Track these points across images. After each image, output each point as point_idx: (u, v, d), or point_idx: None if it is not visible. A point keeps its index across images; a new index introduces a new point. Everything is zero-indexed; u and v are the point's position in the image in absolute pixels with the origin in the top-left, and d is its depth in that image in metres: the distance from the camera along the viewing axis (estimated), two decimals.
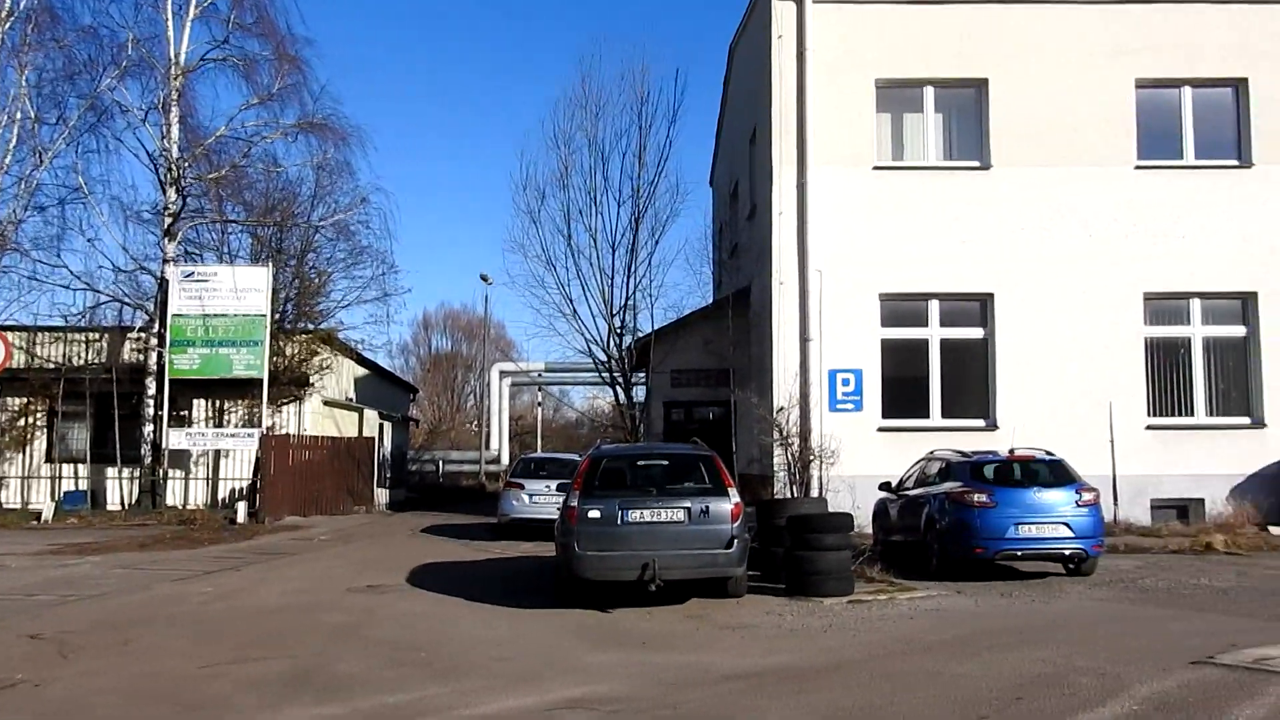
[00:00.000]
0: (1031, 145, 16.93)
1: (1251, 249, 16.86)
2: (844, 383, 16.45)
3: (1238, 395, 16.96)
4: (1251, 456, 16.47)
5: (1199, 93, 17.36)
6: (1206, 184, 17.07)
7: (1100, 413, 16.07)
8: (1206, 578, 11.60)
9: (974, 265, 16.72)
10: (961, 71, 17.16)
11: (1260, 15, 17.33)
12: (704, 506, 9.95)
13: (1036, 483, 11.97)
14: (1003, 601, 10.30)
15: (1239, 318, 17.05)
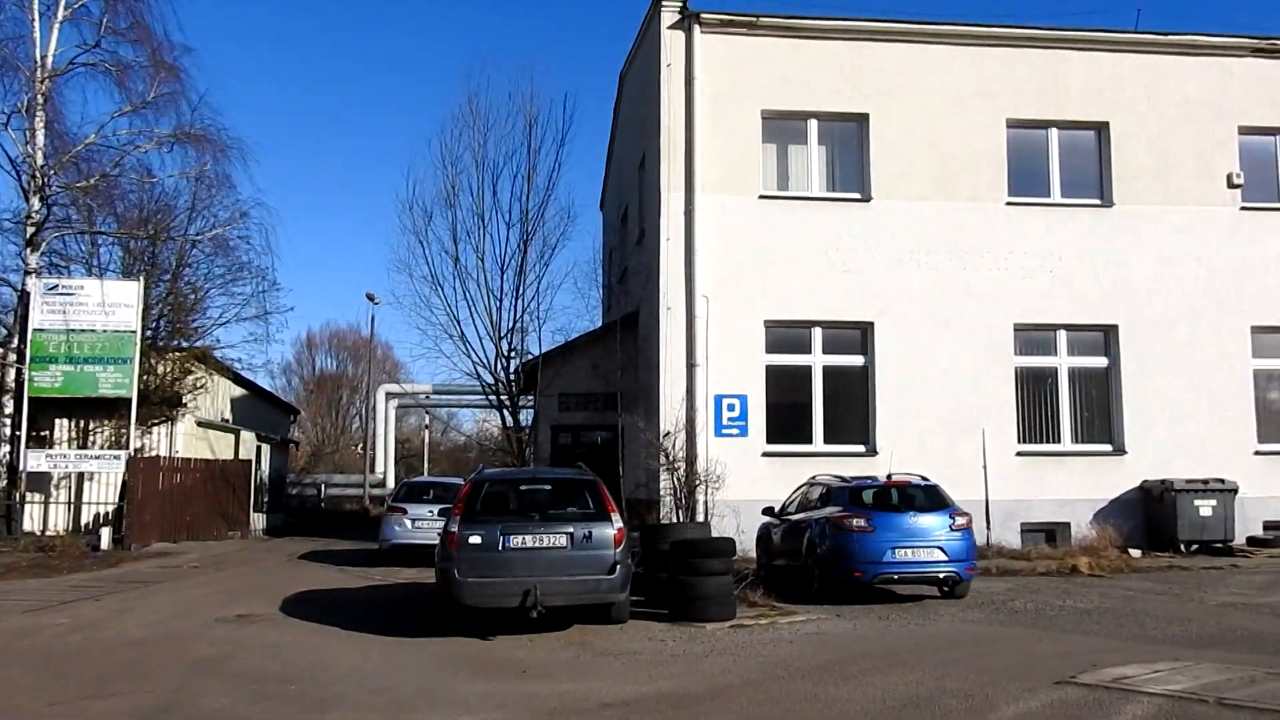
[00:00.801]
0: (910, 179, 17.48)
1: (1113, 284, 17.70)
2: (729, 408, 16.63)
3: (1100, 423, 17.73)
4: (1113, 482, 17.24)
5: (1065, 134, 18.21)
6: (1072, 221, 17.88)
7: (973, 439, 16.60)
8: (1071, 599, 12.04)
9: (855, 294, 17.14)
10: (844, 106, 17.63)
11: (1119, 63, 18.30)
12: (587, 532, 9.89)
13: (913, 507, 12.27)
14: (880, 624, 10.49)
15: (1102, 349, 17.87)
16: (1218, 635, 9.67)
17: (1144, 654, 8.45)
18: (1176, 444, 17.28)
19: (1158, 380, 17.55)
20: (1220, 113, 18.34)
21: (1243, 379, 17.84)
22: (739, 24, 17.46)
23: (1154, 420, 17.44)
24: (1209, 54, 18.50)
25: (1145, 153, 18.10)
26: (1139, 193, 18.00)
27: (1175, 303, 17.78)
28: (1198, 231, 18.02)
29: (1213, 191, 18.14)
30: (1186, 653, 8.60)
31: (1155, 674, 7.63)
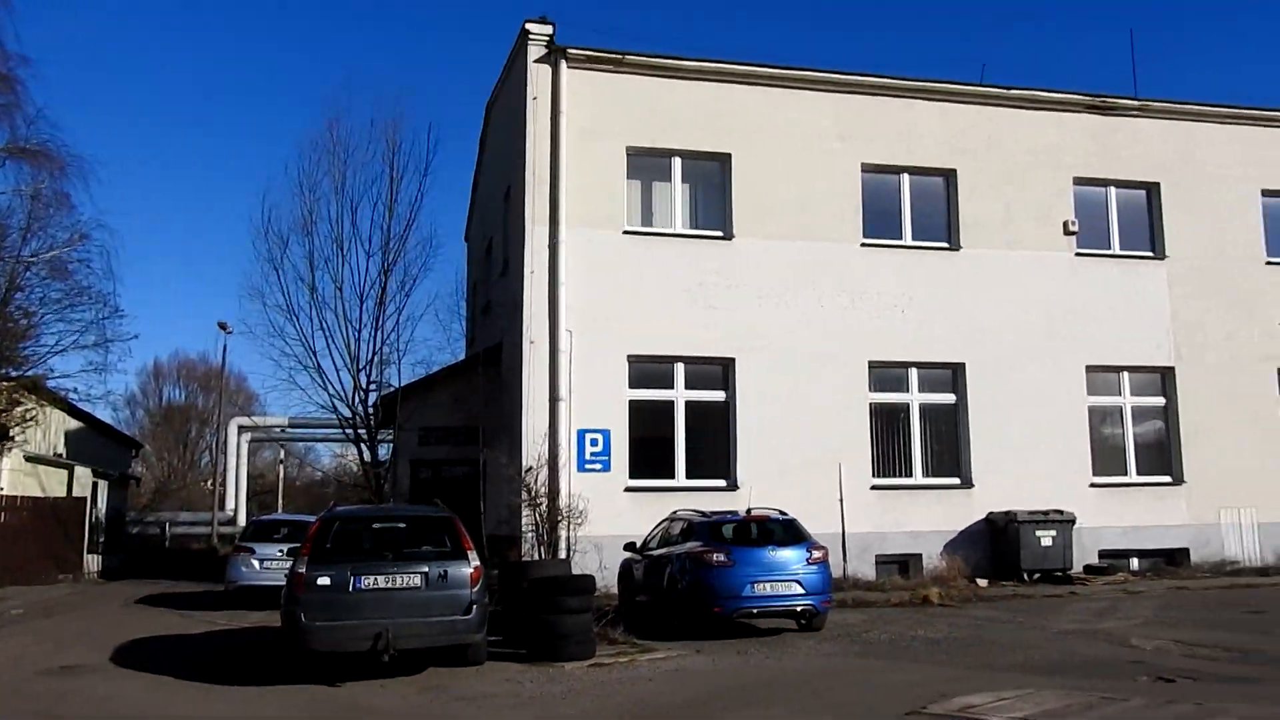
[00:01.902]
0: (771, 218, 17.86)
1: (961, 324, 18.42)
2: (592, 443, 16.55)
3: (949, 458, 18.36)
4: (962, 514, 17.85)
5: (916, 179, 18.94)
6: (923, 263, 18.56)
7: (830, 473, 16.95)
8: (923, 629, 12.35)
9: (718, 330, 17.35)
10: (707, 145, 17.94)
11: (966, 114, 19.18)
12: (442, 571, 9.62)
13: (772, 542, 12.40)
14: (739, 659, 10.52)
15: (950, 386, 18.54)
16: (1058, 662, 10.05)
17: (991, 682, 8.69)
18: (1019, 477, 18.03)
19: (1002, 416, 18.30)
20: (1057, 164, 19.40)
21: (1079, 415, 18.77)
22: (606, 60, 17.60)
23: (999, 454, 18.16)
24: (1048, 108, 19.57)
25: (990, 200, 18.98)
26: (984, 237, 18.83)
27: (1017, 342, 18.62)
28: (1038, 275, 18.95)
29: (1051, 238, 19.13)
30: (1030, 680, 8.90)
31: (1001, 702, 7.85)
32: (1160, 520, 18.75)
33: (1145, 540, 18.66)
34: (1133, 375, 19.38)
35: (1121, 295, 19.31)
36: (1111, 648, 10.88)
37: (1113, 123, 19.86)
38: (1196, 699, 7.89)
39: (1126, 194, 19.94)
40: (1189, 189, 19.98)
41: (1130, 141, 19.88)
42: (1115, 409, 19.31)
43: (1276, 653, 10.27)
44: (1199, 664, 9.77)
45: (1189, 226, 19.85)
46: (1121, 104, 19.89)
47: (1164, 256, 19.68)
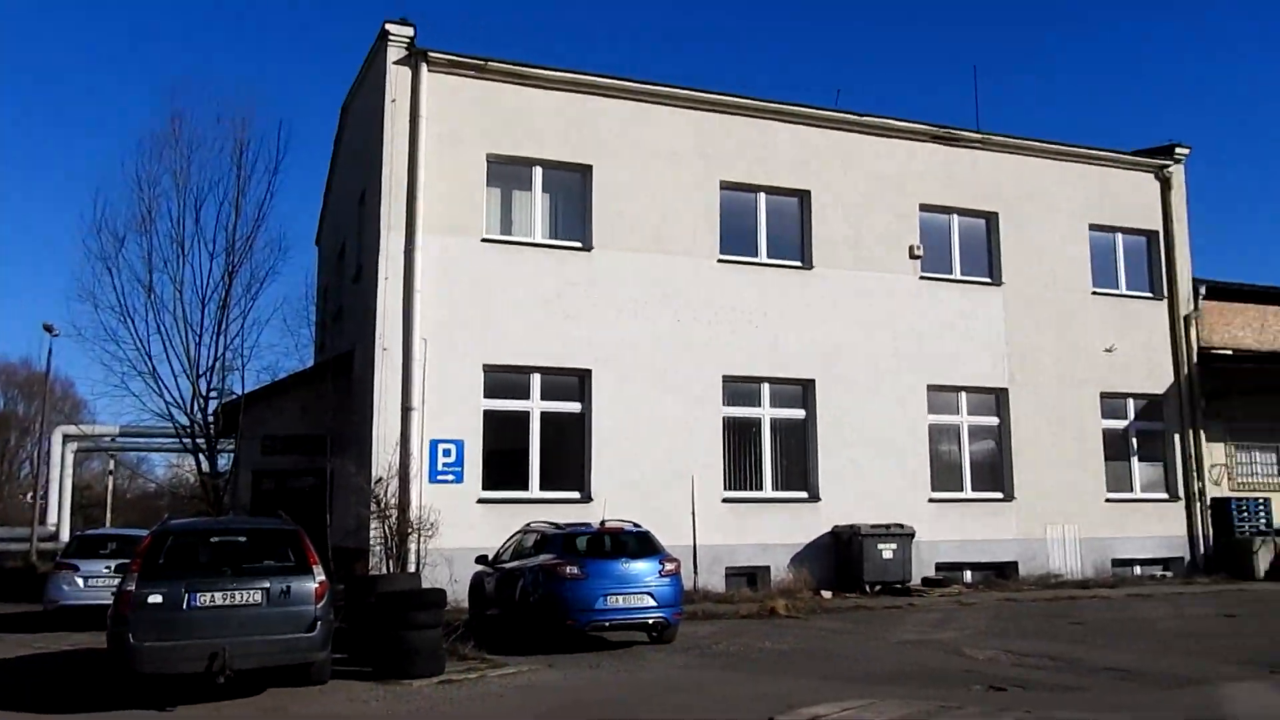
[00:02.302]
0: (630, 231, 17.96)
1: (811, 341, 18.91)
2: (445, 453, 16.24)
3: (798, 472, 18.79)
4: (809, 527, 18.28)
5: (772, 199, 19.36)
6: (777, 281, 18.98)
7: (684, 486, 17.11)
8: (771, 640, 12.57)
9: (575, 342, 17.30)
10: (569, 155, 17.91)
11: (821, 137, 19.74)
12: (285, 587, 9.23)
13: (625, 554, 12.42)
14: (590, 673, 10.47)
15: (800, 401, 18.99)
16: (899, 671, 10.38)
17: (836, 692, 8.89)
18: (864, 491, 18.61)
19: (848, 432, 18.86)
20: (905, 190, 20.18)
21: (920, 432, 19.52)
22: (468, 66, 17.38)
23: (845, 469, 18.70)
24: (897, 136, 20.34)
25: (841, 221, 19.57)
26: (835, 258, 19.40)
27: (865, 360, 19.24)
28: (884, 297, 19.63)
29: (898, 261, 19.86)
30: (873, 689, 9.15)
31: (845, 712, 8.04)
32: (992, 535, 19.67)
33: (978, 554, 19.53)
34: (970, 395, 20.28)
35: (961, 318, 20.20)
36: (948, 657, 11.31)
37: (957, 153, 20.80)
38: (1027, 707, 8.26)
39: (968, 222, 20.89)
40: (1024, 220, 21.09)
41: (972, 172, 20.85)
42: (953, 427, 20.16)
43: (1097, 662, 10.86)
44: (1028, 673, 10.25)
45: (1024, 255, 20.94)
46: (965, 136, 20.85)
47: (1000, 283, 20.69)
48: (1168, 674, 10.00)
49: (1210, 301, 22.58)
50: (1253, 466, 22.68)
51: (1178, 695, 8.93)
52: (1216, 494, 21.56)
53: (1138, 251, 22.35)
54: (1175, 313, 22.04)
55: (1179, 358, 21.87)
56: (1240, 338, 23.02)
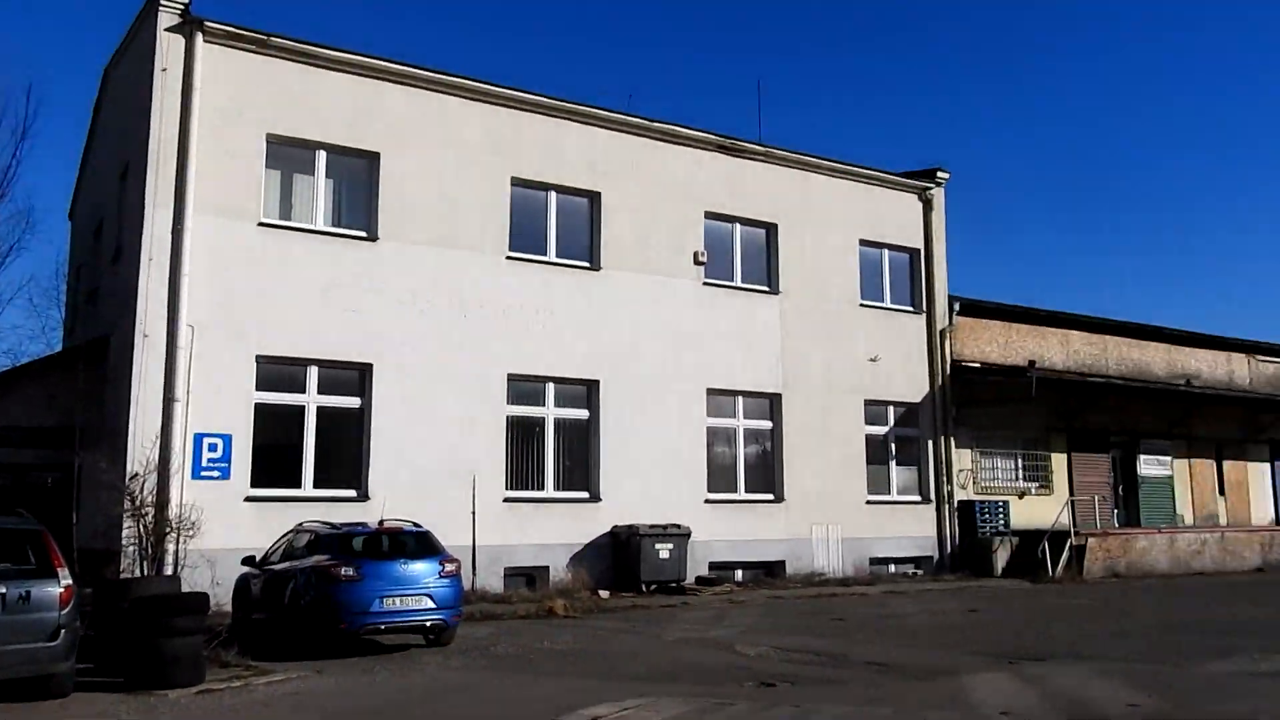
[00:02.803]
0: (417, 223, 17.52)
1: (597, 342, 19.07)
2: (211, 448, 15.32)
3: (580, 472, 18.90)
4: (588, 527, 18.42)
5: (563, 198, 19.39)
6: (565, 280, 19.02)
7: (465, 485, 16.86)
8: (550, 641, 12.57)
9: (355, 334, 16.71)
10: (355, 141, 17.29)
11: (611, 140, 19.93)
12: (24, 592, 8.42)
13: (404, 555, 12.10)
14: (364, 679, 10.13)
15: (584, 402, 19.11)
16: (674, 669, 10.60)
17: (615, 692, 8.98)
18: (644, 492, 18.93)
19: (631, 433, 19.14)
20: (691, 197, 20.68)
21: (698, 435, 20.06)
22: (248, 39, 16.44)
23: (625, 470, 18.96)
24: (685, 144, 20.81)
25: (629, 225, 19.84)
26: (622, 260, 19.64)
27: (648, 363, 19.58)
28: (668, 301, 20.05)
29: (682, 266, 20.33)
30: (651, 688, 9.30)
31: (625, 711, 8.13)
32: (763, 535, 20.46)
33: (749, 553, 20.27)
34: (746, 400, 21.02)
35: (740, 325, 20.91)
36: (721, 654, 11.66)
37: (741, 164, 21.51)
38: (795, 701, 8.62)
39: (750, 231, 21.64)
40: (801, 232, 22.06)
41: (755, 183, 21.62)
42: (730, 430, 20.84)
43: (858, 657, 11.48)
44: (794, 668, 10.71)
45: (800, 266, 21.90)
46: (748, 148, 21.60)
47: (778, 292, 21.55)
48: (920, 666, 10.69)
49: (963, 317, 24.38)
50: (995, 471, 24.65)
51: (929, 686, 9.56)
52: (963, 497, 23.28)
53: (902, 268, 23.85)
54: (933, 326, 23.66)
55: (935, 369, 23.49)
56: (988, 352, 24.97)
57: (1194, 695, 8.78)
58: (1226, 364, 30.85)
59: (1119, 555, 23.16)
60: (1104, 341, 27.76)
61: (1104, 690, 9.13)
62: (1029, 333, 26.04)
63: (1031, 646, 12.07)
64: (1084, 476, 25.92)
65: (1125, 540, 23.70)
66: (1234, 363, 31.08)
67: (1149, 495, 27.36)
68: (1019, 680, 9.81)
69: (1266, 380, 31.83)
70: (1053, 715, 8.02)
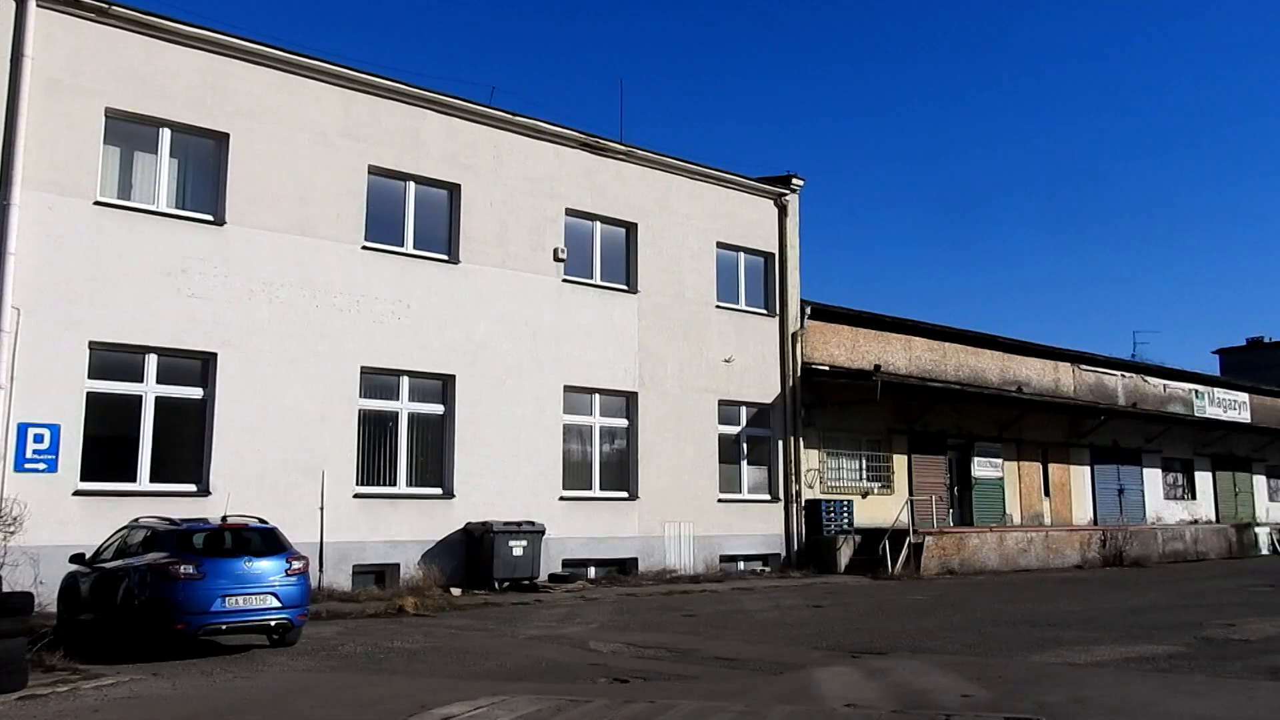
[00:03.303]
0: (268, 209, 16.90)
1: (454, 336, 18.81)
2: (36, 439, 14.40)
3: (434, 468, 18.61)
4: (441, 524, 18.16)
5: (422, 189, 19.04)
6: (422, 273, 18.69)
7: (314, 480, 16.39)
8: (400, 640, 12.33)
9: (199, 322, 16.00)
10: (202, 120, 16.54)
11: (473, 132, 19.68)
12: None
13: (248, 552, 11.64)
14: (204, 681, 9.71)
15: (440, 397, 18.82)
16: (528, 667, 10.56)
17: (467, 691, 8.87)
18: (499, 489, 18.79)
19: (486, 429, 18.96)
20: (553, 193, 20.63)
21: (554, 432, 20.03)
22: (86, 6, 15.50)
23: (481, 466, 18.77)
24: (547, 140, 20.75)
25: (489, 219, 19.64)
26: (482, 254, 19.43)
27: (505, 359, 19.44)
28: (528, 296, 19.96)
29: (542, 262, 20.26)
30: (504, 686, 9.23)
31: (477, 710, 8.04)
32: (617, 532, 20.60)
33: (603, 551, 20.38)
34: (603, 397, 21.12)
35: (599, 322, 21.00)
36: (574, 651, 11.67)
37: (603, 162, 21.59)
38: (648, 697, 8.70)
39: (610, 230, 21.75)
40: (660, 233, 22.30)
41: (616, 182, 21.73)
42: (586, 428, 20.89)
43: (708, 652, 11.68)
44: (648, 664, 10.82)
45: (658, 266, 22.14)
46: (611, 146, 21.69)
47: (636, 291, 21.73)
48: (768, 661, 10.96)
49: (814, 321, 25.12)
50: (840, 471, 25.49)
51: (778, 680, 9.81)
52: (810, 496, 23.98)
53: (757, 271, 24.39)
54: (785, 329, 24.28)
55: (786, 371, 24.11)
56: (836, 355, 25.79)
57: (1020, 685, 9.28)
58: (1054, 372, 32.77)
59: (954, 553, 24.28)
60: (944, 348, 29.07)
61: (939, 681, 9.55)
62: (875, 338, 27.03)
63: (873, 640, 12.53)
64: (923, 477, 27.10)
65: (959, 539, 24.87)
66: (1060, 371, 33.05)
67: (982, 496, 28.82)
68: (861, 673, 10.16)
69: (1088, 388, 33.96)
70: (892, 705, 8.34)
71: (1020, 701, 8.33)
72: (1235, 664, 10.47)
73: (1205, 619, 14.59)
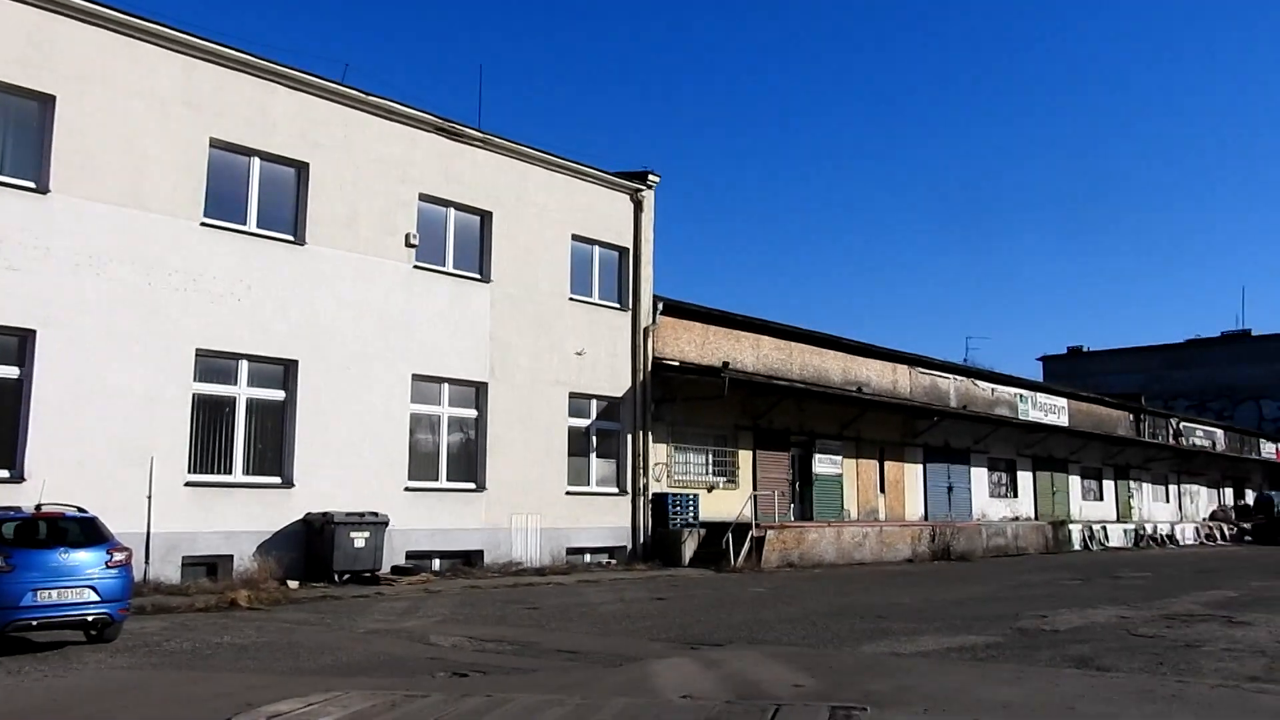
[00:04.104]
0: (98, 179, 15.94)
1: (299, 320, 18.19)
2: None
3: (273, 456, 17.96)
4: (280, 515, 17.54)
5: (267, 166, 18.32)
6: (266, 253, 17.99)
7: (141, 467, 15.59)
8: (230, 635, 11.85)
9: (18, 297, 14.96)
10: (28, 81, 15.46)
11: (324, 110, 19.06)
12: None
13: (65, 543, 10.96)
14: (10, 680, 9.08)
15: (281, 382, 18.17)
16: (365, 662, 10.31)
17: (299, 687, 8.59)
18: (342, 479, 18.28)
19: (329, 417, 18.41)
20: (405, 177, 20.18)
21: (402, 421, 19.63)
22: None
23: (323, 455, 18.22)
24: (402, 122, 20.27)
25: (339, 200, 19.06)
26: (330, 236, 18.85)
27: (352, 345, 18.92)
28: (376, 282, 19.47)
29: (393, 247, 19.80)
30: (339, 682, 8.98)
31: (309, 707, 7.79)
32: (462, 524, 20.36)
33: (448, 543, 20.09)
34: (453, 387, 20.81)
35: (450, 311, 20.67)
36: (413, 645, 11.46)
37: (458, 148, 21.24)
38: (487, 691, 8.61)
39: (464, 217, 21.43)
40: (516, 222, 22.11)
41: (472, 169, 21.43)
42: (434, 417, 20.55)
43: (550, 645, 11.66)
44: (489, 658, 10.72)
45: (512, 256, 21.95)
46: (467, 132, 21.37)
47: (489, 280, 21.49)
48: (609, 653, 11.01)
49: (666, 317, 25.39)
50: (687, 466, 25.86)
51: (617, 672, 9.87)
52: (657, 489, 24.25)
53: (611, 265, 24.48)
54: (637, 324, 24.46)
55: (637, 365, 24.30)
56: (686, 351, 26.14)
57: (849, 675, 9.60)
58: (892, 374, 34.09)
59: (793, 546, 24.97)
60: (790, 348, 29.85)
61: (773, 672, 9.80)
62: (725, 335, 27.53)
63: (712, 632, 12.75)
64: (767, 473, 27.77)
65: (799, 533, 25.59)
66: (898, 373, 34.41)
67: (822, 491, 29.74)
68: (699, 664, 10.33)
69: (924, 390, 35.47)
70: (726, 696, 8.50)
71: (848, 691, 8.61)
72: (1045, 653, 11.10)
73: (1021, 610, 15.43)
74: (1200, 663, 10.40)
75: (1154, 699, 8.39)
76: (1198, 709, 8.04)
